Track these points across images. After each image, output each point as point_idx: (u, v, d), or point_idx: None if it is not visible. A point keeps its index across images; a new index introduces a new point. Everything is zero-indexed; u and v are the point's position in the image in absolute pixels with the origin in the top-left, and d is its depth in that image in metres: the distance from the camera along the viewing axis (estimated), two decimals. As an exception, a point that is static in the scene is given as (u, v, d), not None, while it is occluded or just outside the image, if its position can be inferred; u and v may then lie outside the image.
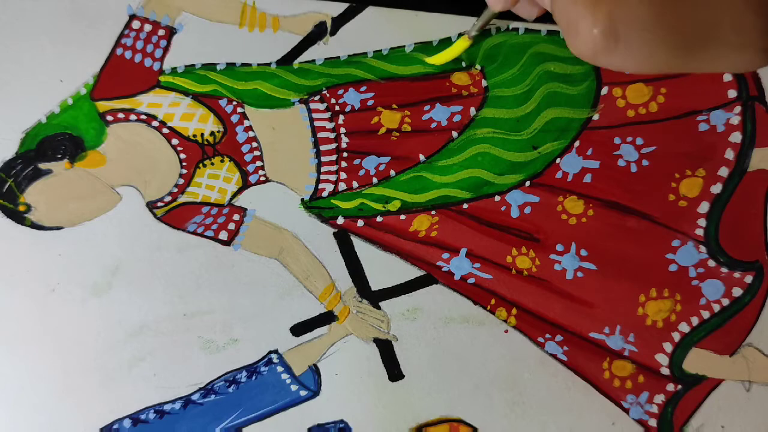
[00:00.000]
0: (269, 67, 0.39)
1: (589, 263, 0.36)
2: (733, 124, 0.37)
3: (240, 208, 0.38)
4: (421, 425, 0.36)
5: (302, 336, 0.36)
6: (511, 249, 0.37)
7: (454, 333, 0.36)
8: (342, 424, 0.35)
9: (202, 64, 0.39)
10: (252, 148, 0.38)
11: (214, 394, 0.36)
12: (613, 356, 0.36)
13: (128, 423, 0.36)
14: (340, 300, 0.37)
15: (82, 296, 0.37)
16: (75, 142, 0.38)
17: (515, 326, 0.36)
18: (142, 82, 0.39)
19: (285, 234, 0.37)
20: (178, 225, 0.37)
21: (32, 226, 0.37)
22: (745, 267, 0.36)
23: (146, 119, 0.38)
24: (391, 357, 0.36)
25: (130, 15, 0.40)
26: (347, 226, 0.37)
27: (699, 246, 0.36)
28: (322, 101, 0.39)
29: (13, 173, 0.38)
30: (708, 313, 0.36)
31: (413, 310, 0.36)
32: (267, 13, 0.40)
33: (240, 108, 0.39)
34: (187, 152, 0.38)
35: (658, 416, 0.35)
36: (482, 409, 0.35)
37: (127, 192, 0.38)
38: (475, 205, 0.37)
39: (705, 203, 0.36)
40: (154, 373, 0.36)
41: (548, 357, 0.36)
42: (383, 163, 0.38)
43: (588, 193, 0.37)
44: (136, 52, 0.39)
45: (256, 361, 0.36)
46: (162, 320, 0.36)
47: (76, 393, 0.36)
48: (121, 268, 0.37)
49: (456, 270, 0.37)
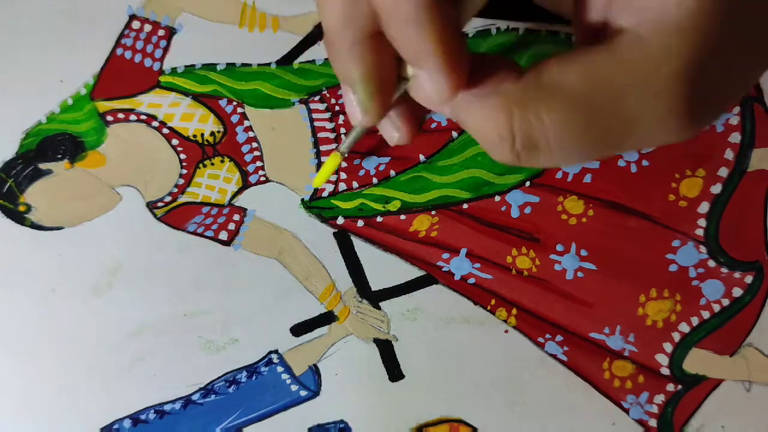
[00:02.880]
0: (269, 68, 0.39)
1: (589, 263, 0.36)
2: (732, 125, 0.37)
3: (240, 208, 0.38)
4: (421, 425, 0.36)
5: (302, 336, 0.36)
6: (511, 249, 0.37)
7: (454, 333, 0.36)
8: (342, 424, 0.35)
9: (202, 64, 0.39)
10: (252, 149, 0.38)
11: (214, 394, 0.36)
12: (614, 356, 0.36)
13: (128, 423, 0.36)
14: (340, 300, 0.37)
15: (82, 296, 0.37)
16: (75, 142, 0.38)
17: (515, 326, 0.36)
18: (142, 82, 0.39)
19: (285, 234, 0.37)
20: (178, 225, 0.37)
21: (32, 226, 0.37)
22: (746, 267, 0.36)
23: (146, 119, 0.38)
24: (391, 357, 0.36)
25: (130, 15, 0.40)
26: (347, 226, 0.37)
27: (699, 246, 0.36)
28: (322, 101, 0.39)
29: (14, 173, 0.38)
30: (708, 314, 0.36)
31: (413, 310, 0.36)
32: (267, 13, 0.40)
33: (240, 108, 0.39)
34: (187, 152, 0.38)
35: (658, 416, 0.35)
36: (482, 409, 0.35)
37: (127, 192, 0.38)
38: (475, 205, 0.37)
39: (705, 203, 0.36)
40: (154, 373, 0.36)
41: (548, 357, 0.36)
42: (383, 163, 0.38)
43: (588, 193, 0.37)
44: (136, 53, 0.39)
45: (256, 361, 0.36)
46: (162, 320, 0.36)
47: (76, 393, 0.36)
48: (121, 268, 0.37)
49: (456, 270, 0.37)
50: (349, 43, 0.22)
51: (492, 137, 0.21)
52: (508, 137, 0.21)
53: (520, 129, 0.21)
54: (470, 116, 0.22)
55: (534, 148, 0.21)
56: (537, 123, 0.20)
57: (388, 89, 0.23)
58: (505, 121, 0.21)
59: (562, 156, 0.21)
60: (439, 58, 0.20)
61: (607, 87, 0.20)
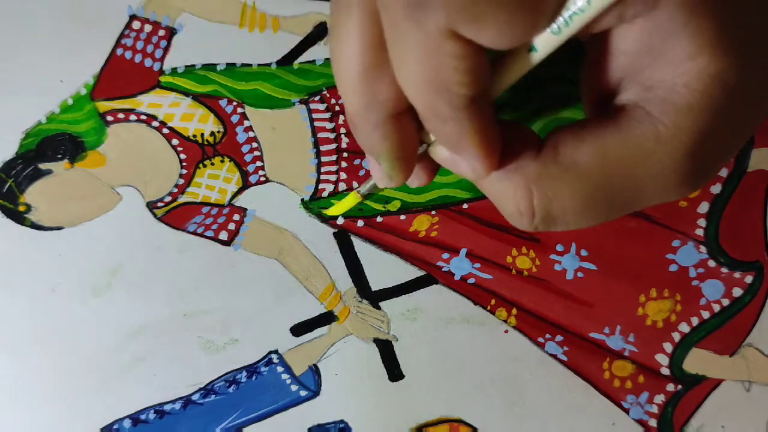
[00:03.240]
0: (269, 68, 0.39)
1: (590, 263, 0.36)
2: (733, 125, 0.37)
3: (240, 208, 0.38)
4: (421, 425, 0.36)
5: (302, 336, 0.36)
6: (511, 249, 0.37)
7: (454, 333, 0.36)
8: (342, 424, 0.35)
9: (202, 65, 0.39)
10: (252, 149, 0.38)
11: (214, 394, 0.36)
12: (614, 356, 0.36)
13: (128, 423, 0.36)
14: (340, 300, 0.37)
15: (82, 296, 0.37)
16: (75, 142, 0.38)
17: (515, 326, 0.36)
18: (143, 82, 0.39)
19: (285, 234, 0.37)
20: (178, 225, 0.37)
21: (32, 226, 0.37)
22: (746, 267, 0.36)
23: (146, 119, 0.38)
24: (391, 357, 0.36)
25: (130, 15, 0.40)
26: (347, 226, 0.37)
27: (699, 246, 0.36)
28: (323, 101, 0.39)
29: (13, 173, 0.38)
30: (708, 314, 0.36)
31: (413, 310, 0.36)
32: (267, 14, 0.40)
33: (240, 108, 0.39)
34: (187, 152, 0.38)
35: (658, 416, 0.35)
36: (482, 409, 0.35)
37: (127, 192, 0.38)
38: (475, 205, 0.37)
39: (705, 203, 0.36)
40: (154, 373, 0.36)
41: (548, 357, 0.36)
42: (383, 164, 0.38)
43: (588, 193, 0.37)
44: (137, 53, 0.39)
45: (256, 361, 0.36)
46: (162, 320, 0.36)
47: (76, 393, 0.36)
48: (121, 268, 0.37)
49: (456, 270, 0.37)
50: (373, 124, 0.23)
51: (512, 211, 0.23)
52: (527, 213, 0.22)
53: (539, 206, 0.22)
54: (491, 189, 0.23)
55: (552, 222, 0.22)
56: (555, 200, 0.22)
57: (412, 158, 0.24)
58: (525, 198, 0.22)
59: (576, 225, 0.23)
60: (477, 148, 0.21)
61: (619, 165, 0.21)
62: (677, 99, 0.20)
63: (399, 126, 0.23)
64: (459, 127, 0.20)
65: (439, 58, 0.19)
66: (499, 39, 0.19)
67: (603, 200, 0.22)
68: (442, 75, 0.19)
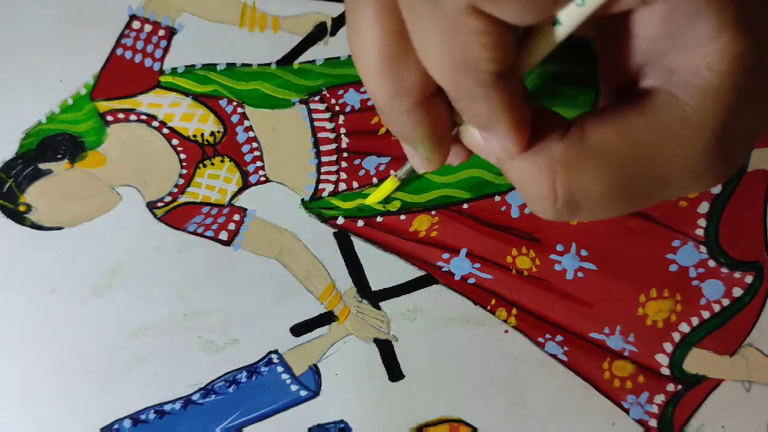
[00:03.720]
0: (269, 68, 0.39)
1: (590, 263, 0.36)
2: (733, 125, 0.37)
3: (240, 208, 0.38)
4: (421, 425, 0.36)
5: (302, 336, 0.36)
6: (511, 249, 0.37)
7: (454, 333, 0.36)
8: (342, 424, 0.35)
9: (202, 65, 0.39)
10: (252, 149, 0.38)
11: (214, 394, 0.36)
12: (614, 356, 0.36)
13: (128, 423, 0.36)
14: (340, 300, 0.37)
15: (82, 296, 0.37)
16: (75, 142, 0.38)
17: (515, 326, 0.36)
18: (143, 82, 0.39)
19: (285, 234, 0.37)
20: (178, 225, 0.37)
21: (32, 226, 0.37)
22: (746, 267, 0.36)
23: (146, 119, 0.38)
24: (391, 357, 0.36)
25: (130, 15, 0.40)
26: (347, 226, 0.37)
27: (699, 246, 0.36)
28: (322, 101, 0.39)
29: (13, 173, 0.38)
30: (708, 314, 0.36)
31: (413, 310, 0.36)
32: (267, 14, 0.40)
33: (240, 108, 0.39)
34: (187, 152, 0.38)
35: (659, 416, 0.35)
36: (482, 409, 0.35)
37: (127, 192, 0.38)
38: (475, 205, 0.37)
39: (705, 203, 0.36)
40: (154, 373, 0.36)
41: (548, 357, 0.36)
42: (383, 163, 0.38)
43: (588, 193, 0.37)
44: (137, 53, 0.39)
45: (256, 361, 0.36)
46: (162, 320, 0.36)
47: (76, 393, 0.36)
48: (121, 268, 0.37)
49: (456, 270, 0.37)
50: (404, 112, 0.22)
51: (535, 193, 0.22)
52: (550, 195, 0.22)
53: (563, 189, 0.21)
54: (514, 170, 0.22)
55: (575, 207, 0.22)
56: (579, 183, 0.21)
57: (447, 140, 0.24)
58: (549, 180, 0.21)
59: (600, 213, 0.22)
60: (508, 125, 0.21)
61: (647, 148, 0.20)
62: (702, 82, 0.20)
63: (429, 110, 0.22)
64: (488, 104, 0.20)
65: (463, 36, 0.18)
66: (522, 13, 0.18)
67: (628, 186, 0.21)
68: (468, 53, 0.19)
